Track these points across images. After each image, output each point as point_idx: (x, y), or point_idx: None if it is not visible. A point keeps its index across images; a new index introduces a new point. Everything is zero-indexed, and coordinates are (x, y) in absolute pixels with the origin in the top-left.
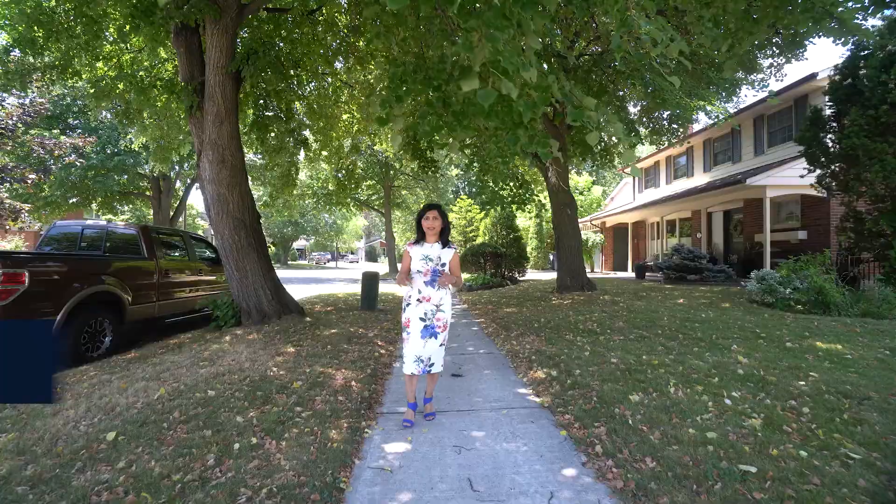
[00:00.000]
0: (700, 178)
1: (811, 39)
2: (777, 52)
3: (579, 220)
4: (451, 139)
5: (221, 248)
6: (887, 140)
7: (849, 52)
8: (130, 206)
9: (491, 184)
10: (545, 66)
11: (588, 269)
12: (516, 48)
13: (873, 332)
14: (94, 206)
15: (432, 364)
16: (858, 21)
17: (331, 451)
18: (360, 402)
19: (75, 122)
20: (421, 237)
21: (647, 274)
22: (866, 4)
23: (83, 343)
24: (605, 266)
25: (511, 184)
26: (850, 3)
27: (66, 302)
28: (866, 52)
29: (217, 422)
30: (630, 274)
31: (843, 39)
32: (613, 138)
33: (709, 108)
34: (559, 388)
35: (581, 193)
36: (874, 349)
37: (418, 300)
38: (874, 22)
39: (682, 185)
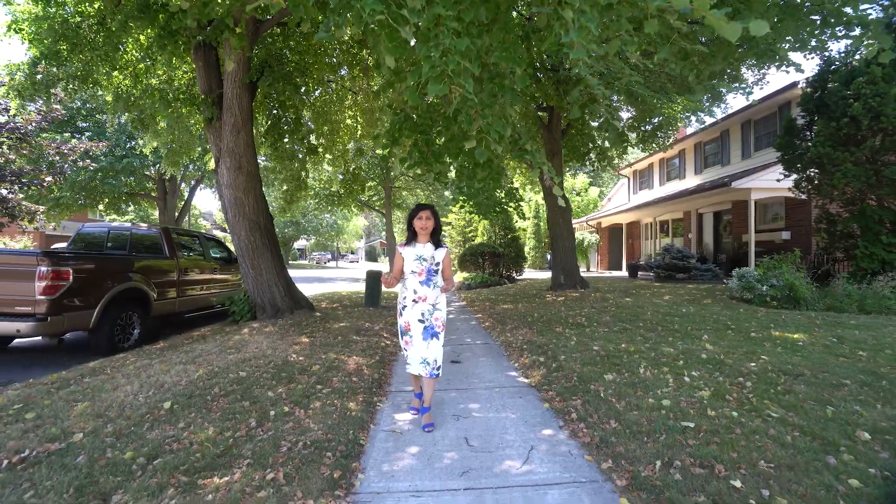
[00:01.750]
0: (691, 181)
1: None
2: (755, 63)
3: (576, 221)
4: (429, 171)
5: (238, 247)
6: (848, 150)
7: (818, 67)
8: (136, 206)
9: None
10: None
11: (583, 269)
12: (502, 116)
13: (830, 324)
14: (100, 207)
15: (439, 367)
16: (792, 56)
17: (350, 418)
18: (371, 382)
19: (84, 125)
20: (412, 237)
21: (639, 273)
22: (796, 46)
23: (116, 334)
24: (600, 265)
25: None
26: (785, 44)
27: (103, 297)
28: (834, 66)
29: (252, 395)
30: (624, 273)
31: (782, 68)
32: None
33: (690, 114)
34: (545, 370)
35: (578, 194)
36: (825, 337)
37: (414, 300)
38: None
39: (675, 186)
